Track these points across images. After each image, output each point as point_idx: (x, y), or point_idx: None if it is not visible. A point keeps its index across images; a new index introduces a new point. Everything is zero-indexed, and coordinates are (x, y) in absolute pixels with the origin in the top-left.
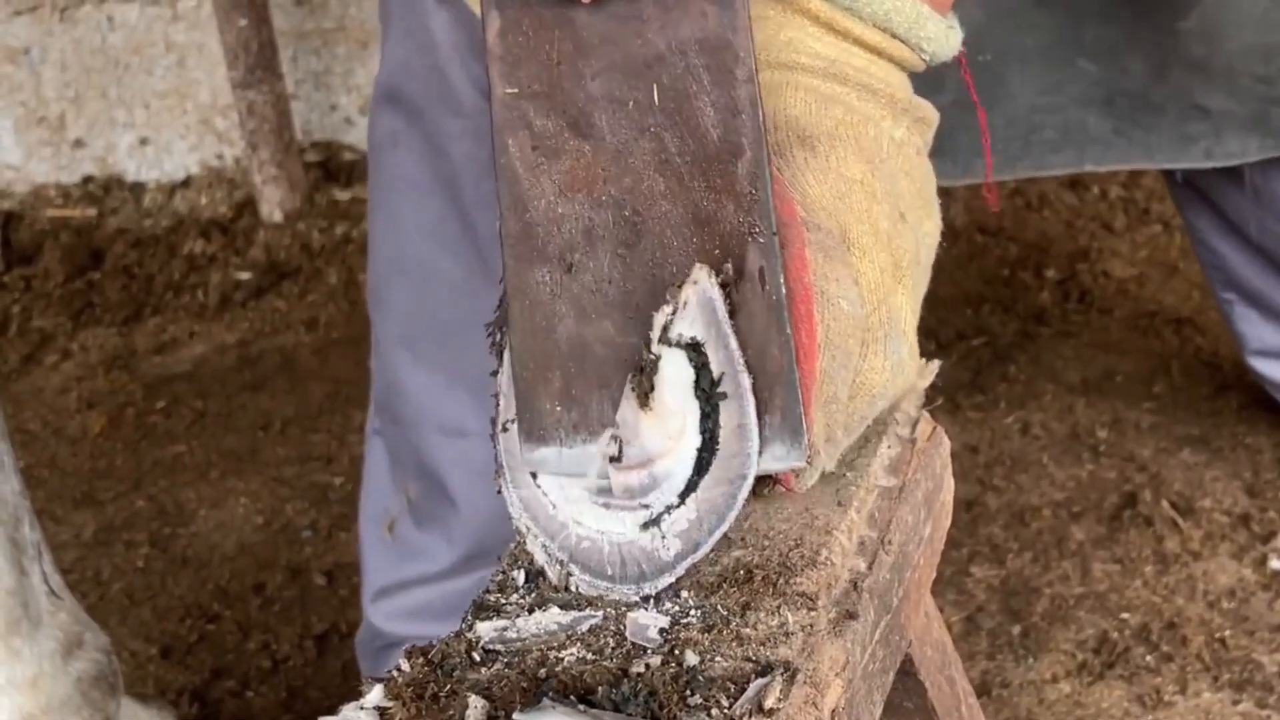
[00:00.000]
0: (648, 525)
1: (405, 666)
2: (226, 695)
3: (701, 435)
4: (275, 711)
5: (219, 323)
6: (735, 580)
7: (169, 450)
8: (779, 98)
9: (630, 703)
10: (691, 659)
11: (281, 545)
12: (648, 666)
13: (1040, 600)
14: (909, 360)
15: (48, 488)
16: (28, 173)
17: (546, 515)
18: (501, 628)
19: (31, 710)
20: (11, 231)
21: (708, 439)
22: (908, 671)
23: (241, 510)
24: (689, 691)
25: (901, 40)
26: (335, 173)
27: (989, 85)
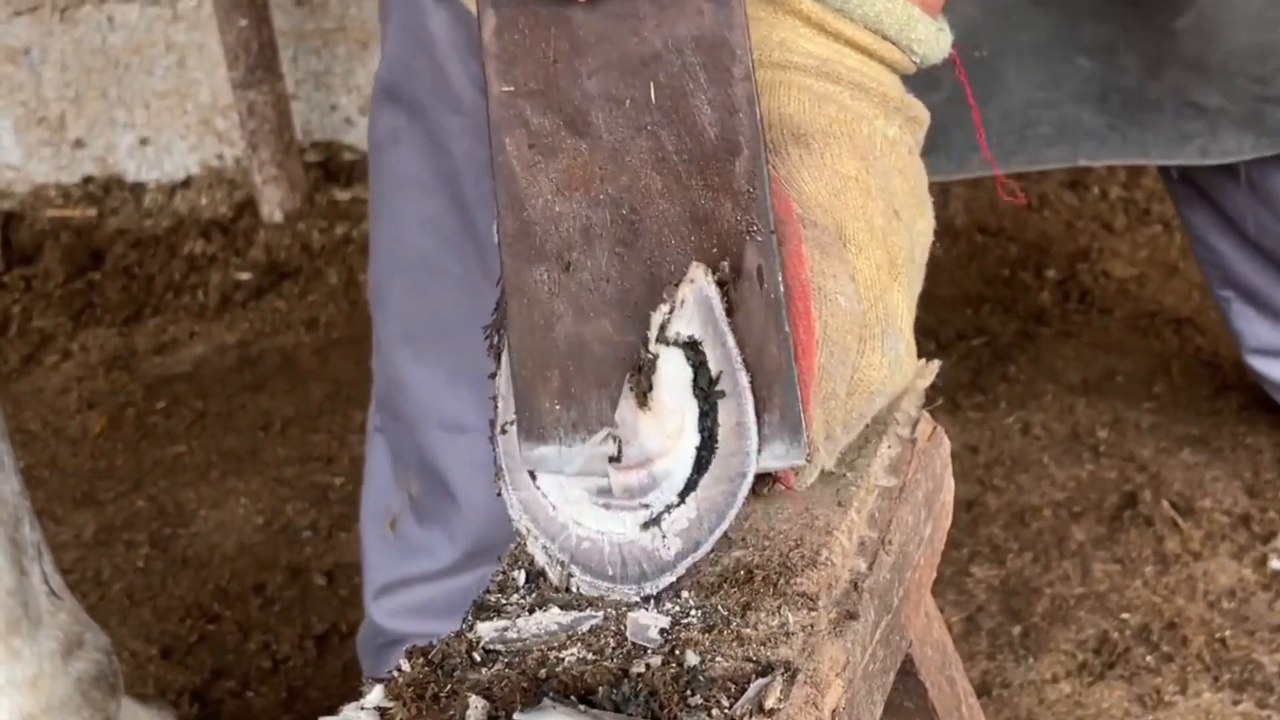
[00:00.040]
0: (648, 525)
1: (405, 667)
2: (227, 695)
3: (700, 434)
4: (275, 712)
5: (219, 323)
6: (736, 580)
7: (169, 450)
8: (773, 96)
9: (631, 703)
10: (692, 659)
11: (282, 545)
12: (648, 667)
13: (1040, 600)
14: (906, 357)
15: (48, 488)
16: (28, 173)
17: (546, 517)
18: (502, 628)
19: (32, 710)
20: (12, 232)
21: (706, 437)
22: (908, 672)
23: (242, 510)
24: (690, 692)
25: (892, 42)
26: (335, 173)
27: (985, 80)
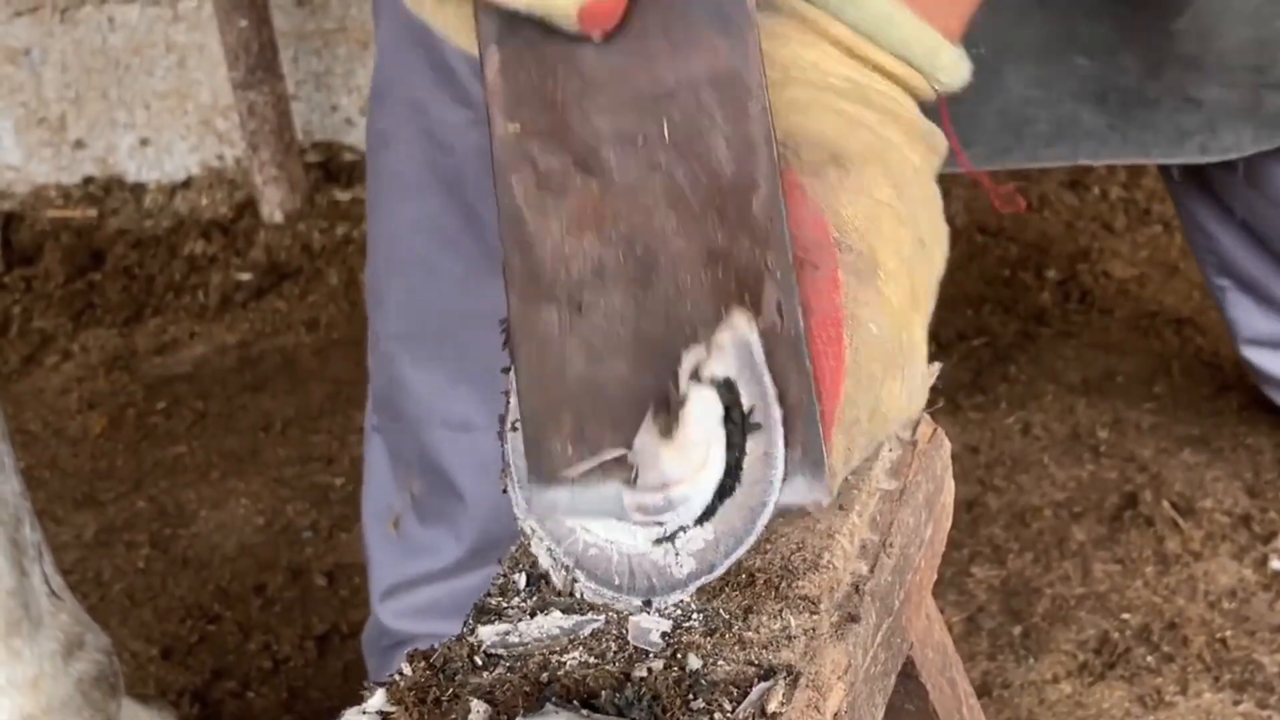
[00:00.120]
0: (661, 541)
1: (407, 670)
2: (227, 696)
3: (726, 464)
4: (276, 712)
5: (219, 323)
6: (737, 584)
7: (170, 451)
8: (811, 116)
9: (633, 707)
10: (694, 663)
11: (282, 546)
12: (650, 670)
13: (1041, 601)
14: (922, 386)
15: (48, 488)
16: (28, 173)
17: (553, 518)
18: (503, 631)
19: (32, 711)
20: (12, 232)
21: (732, 467)
22: (909, 674)
23: (242, 511)
24: (692, 695)
25: (917, 69)
26: (336, 173)
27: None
